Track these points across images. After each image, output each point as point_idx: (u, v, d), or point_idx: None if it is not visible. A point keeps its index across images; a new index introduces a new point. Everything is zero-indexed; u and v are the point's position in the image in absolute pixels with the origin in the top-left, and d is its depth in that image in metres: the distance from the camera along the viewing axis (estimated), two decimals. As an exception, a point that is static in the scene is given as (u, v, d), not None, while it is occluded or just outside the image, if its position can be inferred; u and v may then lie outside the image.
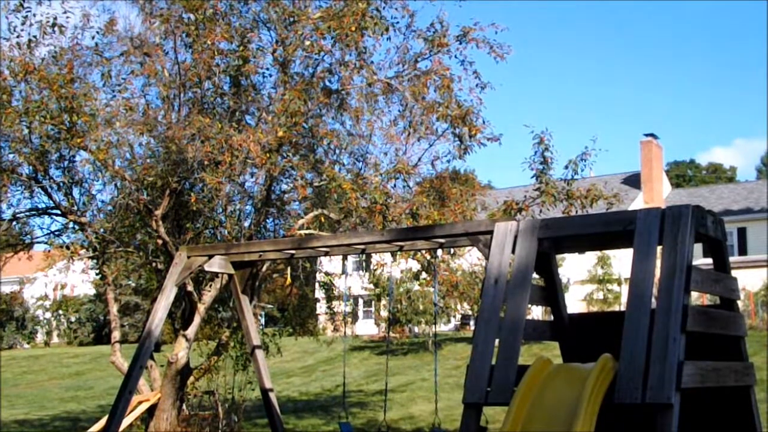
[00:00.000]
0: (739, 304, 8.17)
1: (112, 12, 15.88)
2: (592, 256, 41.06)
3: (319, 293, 21.07)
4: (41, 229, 18.72)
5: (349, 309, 24.63)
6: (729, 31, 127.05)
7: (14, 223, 16.62)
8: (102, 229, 15.44)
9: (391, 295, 26.82)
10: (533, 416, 6.31)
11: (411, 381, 26.83)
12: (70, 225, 15.82)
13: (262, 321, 25.18)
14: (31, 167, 14.95)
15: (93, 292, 49.84)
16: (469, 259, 16.27)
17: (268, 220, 15.96)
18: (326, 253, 10.84)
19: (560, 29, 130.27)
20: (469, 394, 6.93)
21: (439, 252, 12.02)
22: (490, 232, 7.78)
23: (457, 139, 14.29)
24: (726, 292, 7.40)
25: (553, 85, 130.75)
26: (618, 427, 6.82)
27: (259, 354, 11.70)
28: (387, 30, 13.89)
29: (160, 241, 14.77)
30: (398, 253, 11.38)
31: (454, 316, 39.93)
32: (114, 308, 16.26)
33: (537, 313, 32.72)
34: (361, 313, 46.23)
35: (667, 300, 6.31)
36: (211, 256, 11.00)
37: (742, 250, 43.21)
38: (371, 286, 36.29)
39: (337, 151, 15.50)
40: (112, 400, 11.47)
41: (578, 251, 15.37)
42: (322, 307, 21.33)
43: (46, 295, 56.48)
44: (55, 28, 14.62)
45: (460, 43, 14.23)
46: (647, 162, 49.05)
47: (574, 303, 39.12)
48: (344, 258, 11.45)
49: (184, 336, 14.83)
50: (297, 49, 13.99)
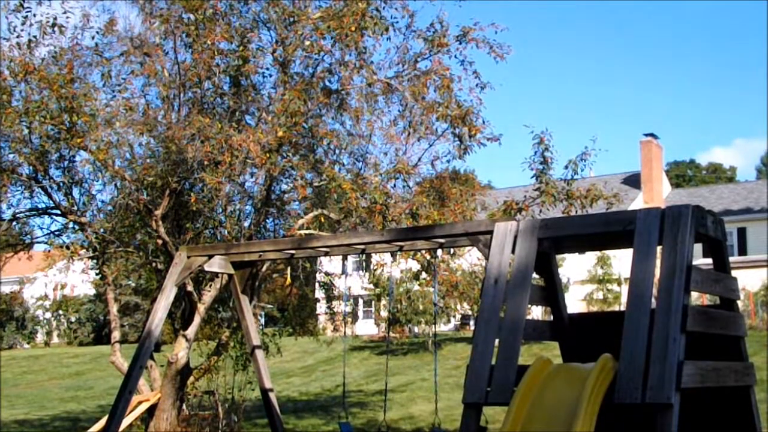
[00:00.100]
0: (739, 304, 8.17)
1: (112, 12, 15.90)
2: (592, 256, 41.04)
3: (319, 293, 21.07)
4: (41, 229, 18.71)
5: (349, 309, 24.62)
6: (729, 31, 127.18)
7: (14, 223, 16.63)
8: (102, 229, 15.44)
9: (391, 295, 26.81)
10: (533, 416, 6.31)
11: (411, 381, 26.82)
12: (70, 225, 15.82)
13: (262, 321, 25.18)
14: (31, 167, 14.95)
15: (93, 292, 49.83)
16: (469, 259, 16.28)
17: (268, 220, 15.97)
18: (326, 253, 10.84)
19: (560, 29, 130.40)
20: (469, 394, 6.93)
21: (439, 252, 12.01)
22: (490, 232, 7.78)
23: (456, 139, 14.29)
24: (726, 292, 7.40)
25: (553, 85, 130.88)
26: (618, 427, 6.82)
27: (259, 354, 11.70)
28: (387, 30, 13.90)
29: (160, 241, 14.77)
30: (398, 253, 11.37)
31: (454, 316, 39.93)
32: (114, 308, 16.26)
33: (537, 313, 32.72)
34: (361, 313, 46.23)
35: (667, 300, 6.31)
36: (211, 256, 11.00)
37: (742, 250, 43.20)
38: (371, 286, 36.34)
39: (337, 151, 15.50)
40: (112, 400, 11.47)
41: (578, 251, 15.36)
42: (322, 307, 21.33)
43: (46, 295, 56.46)
44: (55, 28, 14.62)
45: (460, 43, 14.23)
46: (647, 162, 49.04)
47: (574, 303, 39.11)
48: (344, 258, 11.44)
49: (184, 336, 14.83)
50: (297, 49, 14.00)
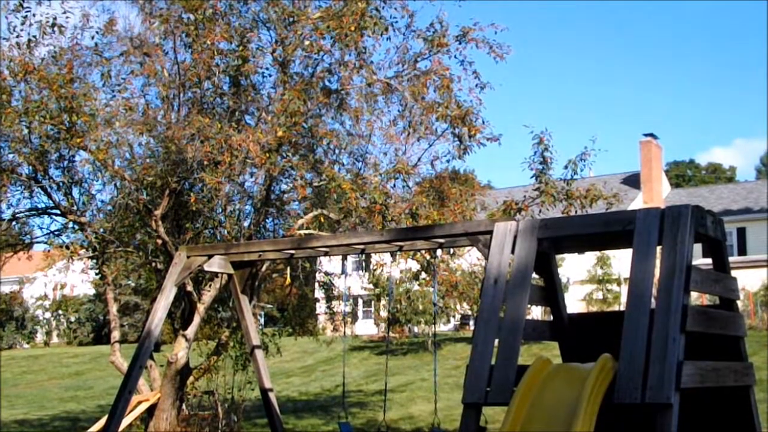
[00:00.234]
0: (739, 304, 8.17)
1: (112, 12, 15.88)
2: (591, 256, 41.04)
3: (319, 293, 21.06)
4: (41, 228, 18.70)
5: (348, 309, 24.61)
6: (729, 31, 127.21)
7: (14, 223, 16.63)
8: (101, 229, 15.44)
9: (390, 295, 26.77)
10: (533, 416, 6.31)
11: (410, 381, 26.82)
12: (70, 225, 15.81)
13: (262, 321, 25.19)
14: (31, 167, 14.95)
15: (92, 291, 49.82)
16: (469, 259, 16.27)
17: (267, 220, 15.97)
18: (326, 253, 10.84)
19: (560, 29, 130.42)
20: (469, 394, 6.93)
21: (439, 252, 12.00)
22: (490, 232, 7.78)
23: (456, 139, 14.29)
24: (725, 292, 7.40)
25: (553, 85, 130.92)
26: (617, 427, 6.82)
27: (259, 354, 11.69)
28: (386, 30, 13.89)
29: (159, 241, 14.76)
30: (398, 253, 11.37)
31: (454, 316, 39.94)
32: (113, 308, 16.26)
33: (536, 313, 32.73)
34: (360, 313, 46.23)
35: (667, 300, 6.31)
36: (210, 256, 11.00)
37: (742, 250, 43.19)
38: (371, 286, 36.39)
39: (337, 151, 15.50)
40: (112, 400, 11.46)
41: (578, 251, 15.36)
42: (321, 307, 21.32)
43: (46, 295, 56.44)
44: (55, 28, 14.61)
45: (460, 43, 14.23)
46: (647, 162, 49.04)
47: (574, 303, 39.12)
48: (344, 258, 11.43)
49: (184, 336, 14.83)
50: (296, 48, 13.99)
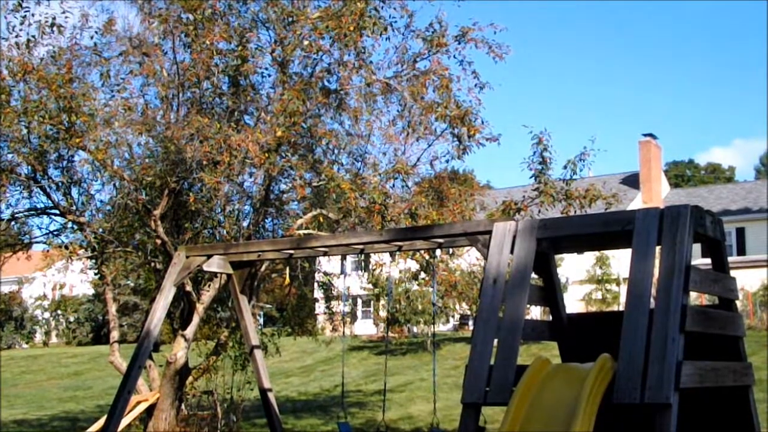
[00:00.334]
0: (738, 304, 8.17)
1: (111, 12, 15.82)
2: (590, 256, 41.05)
3: (318, 293, 21.06)
4: (40, 229, 18.65)
5: (347, 309, 24.62)
6: (729, 31, 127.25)
7: (13, 223, 16.62)
8: (101, 229, 15.43)
9: (389, 295, 26.79)
10: (532, 416, 6.30)
11: (410, 381, 26.81)
12: (69, 225, 15.80)
13: (261, 321, 25.16)
14: (30, 167, 14.95)
15: (92, 291, 49.77)
16: (468, 259, 16.28)
17: (266, 220, 15.97)
18: (325, 253, 10.83)
19: (559, 29, 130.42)
20: (468, 394, 6.92)
21: (438, 252, 12.01)
22: (489, 232, 7.77)
23: (455, 139, 14.29)
24: (725, 292, 7.39)
25: (553, 85, 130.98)
26: (617, 427, 6.82)
27: (258, 354, 11.68)
28: (386, 30, 13.89)
29: (158, 241, 14.75)
30: (397, 253, 11.37)
31: (453, 316, 39.91)
32: (113, 308, 16.25)
33: (536, 313, 32.73)
34: (359, 313, 46.22)
35: (666, 300, 6.30)
36: (209, 256, 10.99)
37: (741, 250, 43.20)
38: (370, 286, 36.39)
39: (336, 151, 15.51)
40: (111, 400, 11.46)
41: (577, 251, 15.35)
42: (320, 307, 21.31)
43: (45, 295, 56.42)
44: (54, 28, 14.59)
45: (459, 43, 14.24)
46: (646, 162, 49.04)
47: (573, 303, 39.10)
48: (343, 258, 11.43)
49: (183, 336, 14.82)
50: (296, 48, 13.98)
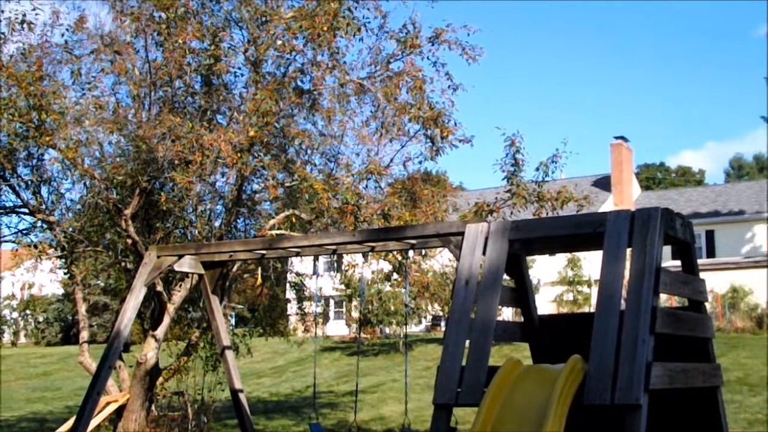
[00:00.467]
0: (707, 306, 8.25)
1: (82, 9, 15.75)
2: (562, 258, 41.26)
3: (290, 294, 21.00)
4: (8, 227, 18.44)
5: (320, 310, 24.57)
6: (702, 33, 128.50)
7: (-19, 222, 16.44)
8: (70, 228, 15.28)
9: (362, 296, 26.78)
10: (503, 417, 6.32)
11: (382, 382, 26.82)
12: (38, 224, 15.62)
13: (233, 321, 25.07)
14: (-1, 165, 14.78)
15: (61, 291, 49.19)
16: (441, 260, 16.29)
17: (238, 220, 15.90)
18: (297, 254, 10.80)
19: (531, 31, 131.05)
20: (440, 395, 6.93)
21: (411, 253, 12.02)
22: (461, 234, 7.79)
23: (428, 140, 14.33)
24: (694, 294, 7.46)
25: (525, 87, 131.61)
26: (588, 428, 6.85)
27: (229, 354, 11.63)
28: (359, 30, 13.88)
29: (129, 241, 14.63)
30: (370, 253, 11.36)
31: (425, 317, 39.99)
32: (82, 308, 16.10)
33: (507, 314, 32.84)
34: (332, 314, 46.18)
35: (636, 301, 6.34)
36: (181, 256, 10.92)
37: (710, 253, 43.62)
38: (342, 287, 36.36)
39: (309, 152, 15.47)
40: (80, 401, 11.35)
41: (549, 253, 15.43)
42: (292, 308, 21.26)
43: (13, 295, 55.78)
44: (24, 25, 14.44)
45: (433, 45, 14.27)
46: (617, 165, 49.41)
47: (545, 304, 39.32)
48: (315, 258, 11.40)
49: (154, 336, 14.72)
50: (269, 48, 13.95)
